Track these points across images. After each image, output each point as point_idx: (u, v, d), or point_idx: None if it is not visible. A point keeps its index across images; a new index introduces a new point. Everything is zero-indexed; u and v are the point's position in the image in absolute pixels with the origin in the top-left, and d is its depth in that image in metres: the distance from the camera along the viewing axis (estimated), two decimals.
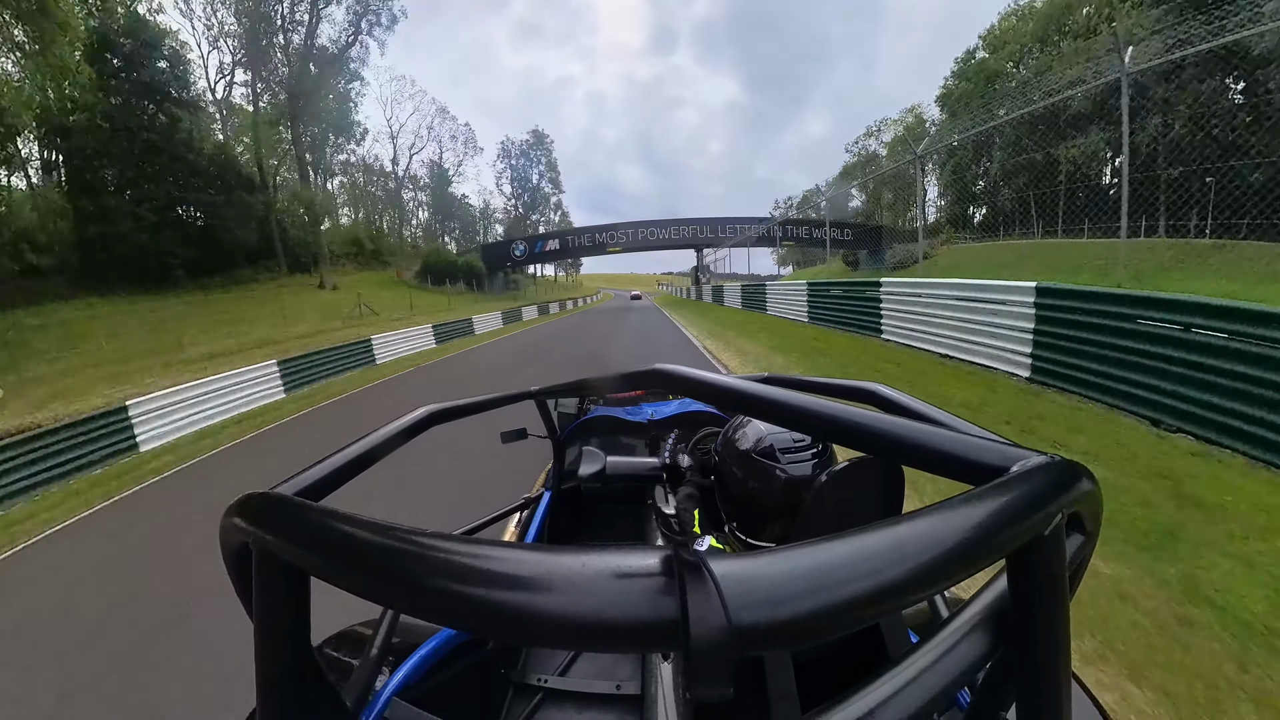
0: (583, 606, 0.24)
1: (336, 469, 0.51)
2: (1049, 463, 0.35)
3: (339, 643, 0.88)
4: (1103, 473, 3.61)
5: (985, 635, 0.34)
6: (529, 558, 0.27)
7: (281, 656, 0.38)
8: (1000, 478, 0.33)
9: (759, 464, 0.91)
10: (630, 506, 1.93)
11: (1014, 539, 0.30)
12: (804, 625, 0.23)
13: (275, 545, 0.35)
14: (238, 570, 0.39)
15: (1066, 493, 0.34)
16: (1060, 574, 0.33)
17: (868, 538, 0.27)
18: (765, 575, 0.24)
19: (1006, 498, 0.31)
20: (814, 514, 0.74)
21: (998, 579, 0.37)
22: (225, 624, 3.03)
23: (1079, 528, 0.37)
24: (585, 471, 1.30)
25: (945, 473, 0.38)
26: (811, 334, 11.60)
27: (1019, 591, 0.35)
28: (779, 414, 0.46)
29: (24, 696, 2.91)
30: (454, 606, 0.27)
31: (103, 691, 2.81)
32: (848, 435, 0.42)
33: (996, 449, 0.37)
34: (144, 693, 2.77)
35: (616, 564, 0.26)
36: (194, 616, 3.34)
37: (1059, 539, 0.33)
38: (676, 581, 0.25)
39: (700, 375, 0.55)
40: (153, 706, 2.67)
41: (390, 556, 0.29)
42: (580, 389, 0.98)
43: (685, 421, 1.87)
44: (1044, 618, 0.34)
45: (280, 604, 0.37)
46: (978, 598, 0.37)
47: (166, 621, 3.38)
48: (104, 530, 5.41)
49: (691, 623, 0.23)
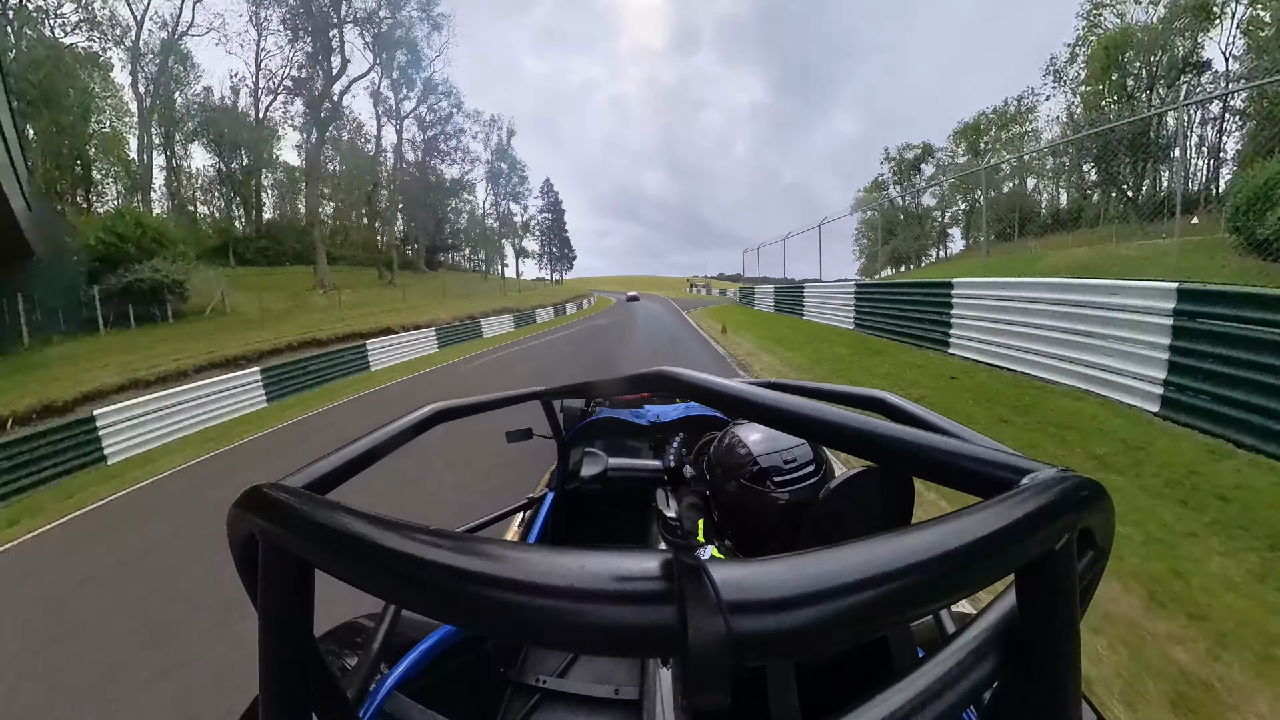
0: (581, 608, 0.24)
1: (344, 463, 0.51)
2: (1061, 477, 0.35)
3: (342, 635, 0.87)
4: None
5: (992, 653, 0.34)
6: (528, 557, 0.27)
7: (285, 647, 0.38)
8: (1010, 490, 0.33)
9: (750, 487, 0.88)
10: (634, 509, 1.92)
11: (1024, 554, 0.30)
12: (806, 636, 0.23)
13: (281, 537, 0.35)
14: (244, 561, 0.40)
15: (1079, 508, 0.33)
16: (1071, 592, 0.33)
17: (873, 548, 0.26)
18: (767, 583, 0.24)
19: (1017, 511, 0.30)
20: (817, 527, 0.74)
21: (1006, 595, 0.37)
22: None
23: (1090, 544, 0.37)
24: (587, 473, 1.32)
25: (953, 484, 0.38)
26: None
27: (1028, 609, 0.34)
28: (784, 420, 0.45)
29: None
30: (453, 603, 0.27)
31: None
32: (854, 443, 0.41)
33: (1007, 460, 0.37)
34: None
35: (616, 566, 0.26)
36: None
37: (1070, 555, 0.32)
38: (676, 586, 0.24)
39: (705, 379, 0.55)
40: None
41: (393, 552, 0.29)
42: (586, 390, 0.96)
43: (690, 425, 1.86)
44: (1053, 637, 0.33)
45: (285, 595, 0.37)
46: (985, 614, 0.36)
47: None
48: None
49: (690, 629, 0.23)
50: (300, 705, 0.39)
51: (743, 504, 0.91)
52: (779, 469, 0.87)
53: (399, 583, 0.29)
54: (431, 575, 0.28)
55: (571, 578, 0.25)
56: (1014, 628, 0.35)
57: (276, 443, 8.17)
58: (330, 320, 21.17)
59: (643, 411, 2.15)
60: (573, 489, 1.89)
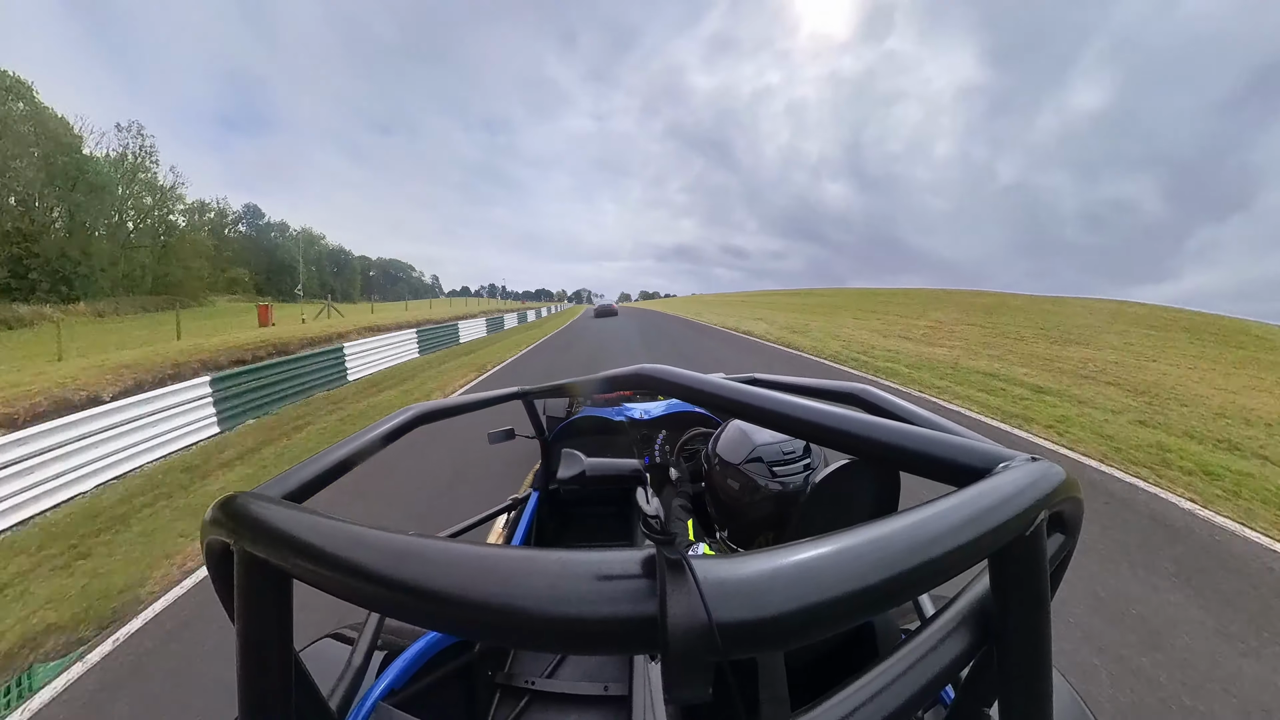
0: (563, 608, 0.24)
1: (321, 471, 0.50)
2: (1030, 463, 0.36)
3: (324, 647, 0.86)
4: None
5: (968, 633, 0.35)
6: (510, 560, 0.27)
7: (265, 661, 0.38)
8: (982, 479, 0.34)
9: (749, 477, 0.89)
10: (618, 508, 1.95)
11: (996, 539, 0.30)
12: (787, 626, 0.23)
13: (257, 548, 0.34)
14: (220, 573, 0.39)
15: (1048, 493, 0.34)
16: (1041, 573, 0.34)
17: (852, 539, 0.27)
18: (749, 576, 0.24)
19: (988, 499, 0.31)
20: (806, 520, 0.74)
21: (980, 578, 0.38)
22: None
23: (1060, 527, 0.38)
24: (565, 474, 1.27)
25: (929, 474, 0.39)
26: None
27: (1001, 590, 0.35)
28: (764, 416, 0.46)
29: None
30: (437, 610, 0.27)
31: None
32: (831, 437, 0.42)
33: (979, 450, 0.38)
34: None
35: (598, 565, 0.26)
36: None
37: (1040, 539, 0.33)
38: (658, 582, 0.25)
39: (685, 376, 0.54)
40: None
41: (373, 560, 0.29)
42: (567, 390, 0.95)
43: (673, 422, 1.91)
44: (1025, 616, 0.34)
45: (263, 609, 0.37)
46: (960, 596, 0.37)
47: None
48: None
49: (670, 624, 0.23)
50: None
51: (740, 492, 0.91)
52: (779, 460, 0.88)
53: (381, 591, 0.29)
54: (413, 583, 0.27)
55: (553, 578, 0.25)
56: (988, 608, 0.36)
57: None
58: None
59: (626, 409, 2.13)
60: (556, 489, 1.87)
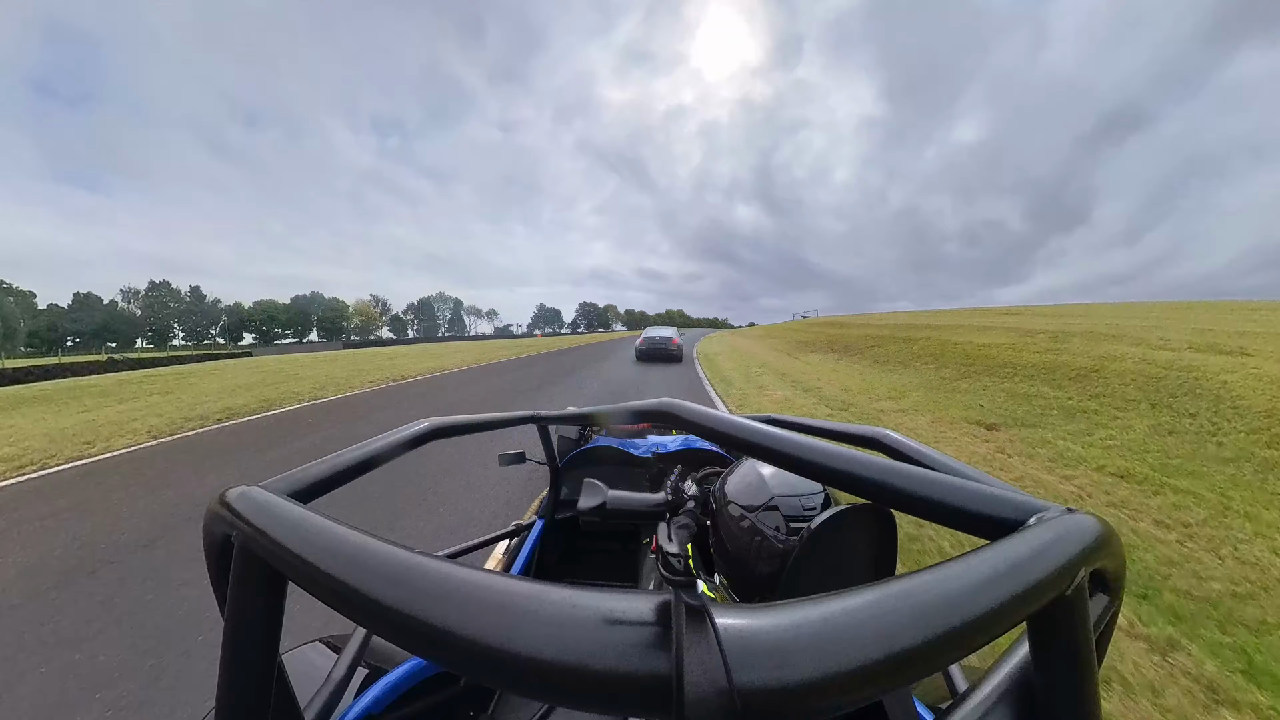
0: (563, 655, 0.22)
1: (333, 472, 0.50)
2: (1067, 515, 0.33)
3: (309, 652, 0.83)
4: None
5: (1008, 709, 0.32)
6: (512, 591, 0.25)
7: (248, 660, 0.37)
8: (1015, 531, 0.31)
9: (760, 529, 0.85)
10: (625, 543, 1.87)
11: (1037, 598, 0.28)
12: (815, 694, 0.21)
13: (257, 544, 0.33)
14: (217, 565, 0.38)
15: (1088, 546, 0.31)
16: (1086, 637, 0.31)
17: (881, 592, 0.24)
18: (770, 630, 0.22)
19: (1025, 553, 0.29)
20: (803, 564, 0.73)
21: (1019, 644, 0.36)
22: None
23: (1103, 587, 0.35)
24: (585, 504, 1.14)
25: (957, 525, 0.37)
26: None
27: (1042, 658, 0.32)
28: (784, 459, 0.45)
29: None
30: (422, 632, 0.24)
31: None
32: (854, 483, 0.41)
33: (1011, 501, 0.36)
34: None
35: (609, 607, 0.24)
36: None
37: (1083, 598, 0.30)
38: (674, 633, 0.22)
39: (706, 414, 0.54)
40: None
41: (365, 570, 0.28)
42: (587, 419, 0.90)
43: (689, 458, 1.83)
44: (1070, 687, 0.31)
45: (254, 606, 0.36)
46: (999, 665, 0.35)
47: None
48: None
49: (687, 686, 0.20)
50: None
51: (748, 542, 0.88)
52: (797, 515, 0.85)
53: (367, 603, 0.27)
54: (402, 600, 0.25)
55: (559, 617, 0.23)
56: (1030, 679, 0.33)
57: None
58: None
59: (640, 442, 2.11)
60: (564, 518, 1.80)
